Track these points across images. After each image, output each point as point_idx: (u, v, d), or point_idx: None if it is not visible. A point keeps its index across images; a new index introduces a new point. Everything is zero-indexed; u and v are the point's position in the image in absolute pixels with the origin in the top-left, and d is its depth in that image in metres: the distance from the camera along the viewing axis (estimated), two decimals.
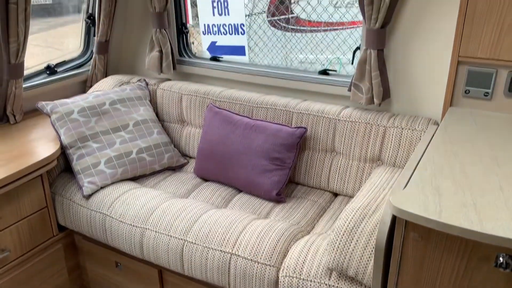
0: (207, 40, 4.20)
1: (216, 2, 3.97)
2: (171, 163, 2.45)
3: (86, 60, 2.87)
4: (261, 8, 4.08)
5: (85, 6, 2.82)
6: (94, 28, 2.80)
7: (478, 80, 1.84)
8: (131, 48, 2.93)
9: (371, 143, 2.07)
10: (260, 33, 4.05)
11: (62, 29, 5.95)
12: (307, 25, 4.04)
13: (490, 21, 1.72)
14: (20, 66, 2.29)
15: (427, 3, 1.96)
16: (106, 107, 2.35)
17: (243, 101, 2.37)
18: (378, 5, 1.96)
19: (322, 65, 3.84)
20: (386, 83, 2.10)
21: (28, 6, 2.20)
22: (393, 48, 2.10)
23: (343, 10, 3.71)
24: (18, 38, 2.21)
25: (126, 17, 2.86)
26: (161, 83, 2.65)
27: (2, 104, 2.37)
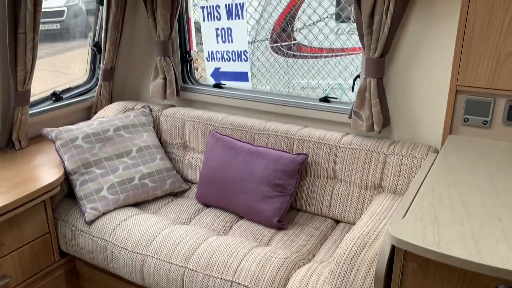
0: (211, 66, 4.28)
1: (220, 30, 4.05)
2: (173, 188, 2.46)
3: (91, 86, 2.92)
4: (264, 35, 4.16)
5: (92, 34, 2.89)
6: (100, 55, 2.86)
7: (476, 108, 1.86)
8: (136, 75, 2.99)
9: (371, 170, 2.08)
10: (263, 60, 4.11)
11: (69, 53, 6.07)
12: (309, 52, 4.10)
13: (487, 51, 1.75)
14: (26, 93, 2.34)
15: (425, 33, 2.00)
16: (110, 133, 2.39)
17: (245, 127, 2.40)
18: (377, 35, 2.00)
19: (324, 90, 3.88)
20: (386, 111, 2.13)
21: (36, 35, 2.26)
22: (392, 76, 2.13)
23: (344, 37, 3.77)
24: (25, 67, 2.26)
25: (131, 45, 2.93)
26: (164, 110, 2.69)
27: (8, 130, 2.41)
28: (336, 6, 3.59)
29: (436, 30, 1.98)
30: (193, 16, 3.61)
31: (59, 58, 5.66)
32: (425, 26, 1.99)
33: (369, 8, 1.99)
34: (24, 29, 2.18)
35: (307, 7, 3.73)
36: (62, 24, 7.30)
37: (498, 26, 1.71)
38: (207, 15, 3.63)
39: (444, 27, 1.95)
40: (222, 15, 3.64)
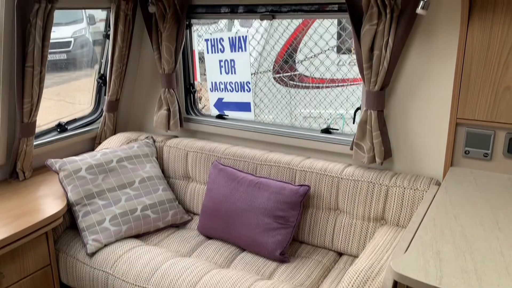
0: (214, 96, 4.34)
1: (223, 61, 4.13)
2: (175, 220, 2.46)
3: (96, 117, 2.96)
4: (266, 67, 4.23)
5: (98, 66, 2.95)
6: (105, 87, 2.92)
7: (477, 141, 1.87)
8: (140, 107, 3.04)
9: (374, 202, 2.08)
10: (266, 90, 4.17)
11: (74, 83, 6.14)
12: (311, 82, 4.17)
13: (485, 86, 1.78)
14: (32, 125, 2.38)
15: (424, 67, 2.04)
16: (113, 164, 2.40)
17: (247, 158, 2.42)
18: (377, 69, 2.04)
19: (325, 121, 3.91)
20: (387, 143, 2.14)
21: (43, 68, 2.31)
22: (393, 109, 2.16)
23: (345, 69, 3.84)
24: (32, 99, 2.31)
25: (136, 77, 2.99)
26: (168, 140, 2.72)
27: (13, 161, 2.44)
28: (337, 39, 3.67)
29: (434, 64, 2.02)
30: (197, 47, 3.69)
31: (65, 88, 5.74)
32: (424, 61, 2.03)
33: (368, 43, 2.04)
34: (32, 62, 2.24)
35: (309, 40, 3.81)
36: (68, 54, 7.43)
37: (495, 61, 1.74)
38: (211, 47, 3.71)
39: (443, 61, 1.99)
40: (225, 47, 3.71)
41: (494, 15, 1.75)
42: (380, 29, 2.00)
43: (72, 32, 6.98)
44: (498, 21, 1.74)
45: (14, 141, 2.41)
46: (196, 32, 3.59)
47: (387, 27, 1.97)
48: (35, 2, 2.14)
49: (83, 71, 7.25)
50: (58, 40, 6.31)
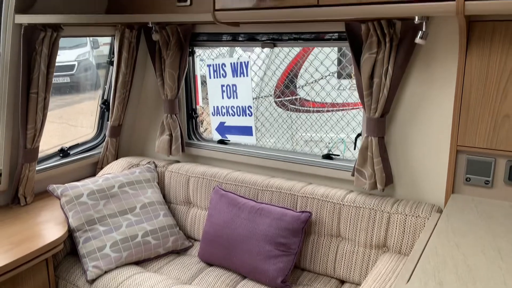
0: (216, 120, 4.37)
1: (225, 86, 4.17)
2: (176, 246, 2.44)
3: (98, 142, 2.98)
4: (268, 92, 4.27)
5: (101, 91, 2.99)
6: (108, 113, 2.94)
7: (478, 168, 1.88)
8: (142, 132, 3.06)
9: (376, 229, 2.07)
10: (267, 115, 4.20)
11: (77, 106, 6.17)
12: (312, 106, 4.20)
13: (484, 114, 1.80)
14: (35, 151, 2.40)
15: (424, 94, 2.06)
16: (115, 190, 2.41)
17: (249, 183, 2.42)
18: (377, 96, 2.07)
19: (326, 145, 3.93)
20: (388, 169, 2.15)
21: (47, 95, 2.34)
22: (393, 135, 2.17)
23: (346, 93, 3.87)
24: (35, 125, 2.33)
25: (139, 103, 3.02)
26: (169, 165, 2.73)
27: (15, 186, 2.44)
28: (337, 65, 3.71)
29: (434, 92, 2.04)
30: (199, 71, 3.73)
31: (67, 110, 5.76)
32: (424, 88, 2.06)
33: (368, 71, 2.07)
34: (36, 89, 2.27)
35: (309, 66, 3.86)
36: (72, 77, 7.51)
37: (493, 89, 1.77)
38: (213, 72, 3.75)
39: (442, 89, 2.01)
40: (227, 72, 3.76)
41: (492, 44, 1.78)
42: (380, 58, 2.03)
43: (76, 55, 7.07)
44: (496, 50, 1.77)
45: (16, 167, 2.42)
46: (199, 57, 3.64)
47: (387, 55, 2.01)
48: (41, 31, 2.19)
49: (86, 94, 7.31)
50: (62, 64, 6.39)
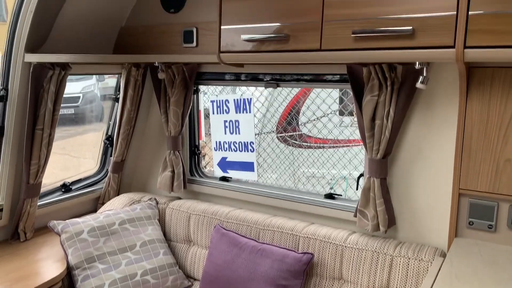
0: (218, 155, 4.39)
1: (228, 122, 4.21)
2: (175, 285, 2.40)
3: (100, 178, 2.99)
4: (270, 128, 4.31)
5: (105, 128, 3.02)
6: (111, 148, 2.96)
7: (480, 212, 1.87)
8: (144, 168, 3.07)
9: (378, 272, 2.04)
10: (269, 151, 4.22)
11: (81, 137, 6.20)
12: (314, 142, 4.22)
13: (486, 158, 1.81)
14: (37, 186, 2.40)
15: (425, 136, 2.08)
16: (115, 227, 2.40)
17: (250, 222, 2.41)
18: (379, 138, 2.08)
19: (328, 182, 3.92)
20: (391, 211, 2.14)
21: (53, 131, 2.37)
22: (395, 176, 2.18)
23: (348, 131, 3.90)
24: (39, 160, 2.35)
25: (143, 139, 3.04)
26: (170, 202, 2.72)
27: (15, 221, 2.43)
28: (339, 103, 3.76)
29: (435, 134, 2.06)
30: (203, 105, 3.77)
31: (70, 142, 5.79)
32: (425, 130, 2.08)
33: (370, 113, 2.09)
34: (42, 125, 2.30)
35: (311, 104, 3.91)
36: (76, 109, 7.59)
37: (494, 134, 1.78)
38: (217, 108, 3.80)
39: (443, 131, 2.03)
40: (230, 108, 3.80)
41: (492, 89, 1.81)
42: (381, 100, 2.06)
43: (82, 87, 7.18)
44: (496, 95, 1.80)
45: (18, 202, 2.42)
46: (202, 92, 3.69)
47: (388, 98, 2.04)
48: (49, 69, 2.24)
49: (90, 126, 7.37)
50: (67, 96, 6.47)
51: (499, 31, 1.56)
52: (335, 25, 1.88)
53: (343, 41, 1.86)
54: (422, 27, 1.69)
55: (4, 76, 2.23)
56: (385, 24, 1.76)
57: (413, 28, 1.70)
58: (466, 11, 1.61)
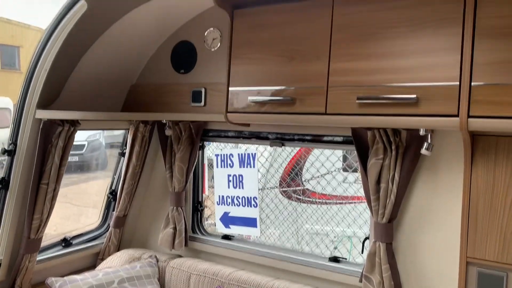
0: (220, 210, 4.35)
1: (232, 176, 4.21)
2: None
3: (101, 232, 2.95)
4: (274, 183, 4.30)
5: (109, 183, 3.02)
6: (114, 202, 2.95)
7: (489, 282, 1.82)
8: (146, 223, 3.04)
9: None
10: (272, 206, 4.19)
11: (83, 185, 6.17)
12: (318, 198, 4.19)
13: (492, 229, 1.78)
14: (38, 241, 2.37)
15: (431, 201, 2.06)
16: (114, 286, 2.34)
17: (252, 285, 2.34)
18: (384, 202, 2.07)
19: (332, 241, 3.85)
20: (397, 277, 2.08)
21: (57, 186, 2.38)
22: (401, 241, 2.14)
23: (352, 189, 3.88)
24: (42, 215, 2.33)
25: (146, 194, 3.03)
26: (171, 260, 2.66)
27: (13, 277, 2.38)
28: (343, 161, 3.77)
29: (441, 199, 2.04)
30: (207, 156, 3.78)
31: (73, 189, 5.76)
32: (430, 195, 2.07)
33: (375, 176, 2.10)
34: (47, 180, 2.31)
35: (315, 160, 3.92)
36: (80, 157, 7.62)
37: (500, 204, 1.77)
38: (221, 162, 3.81)
39: (449, 196, 2.02)
40: (234, 163, 3.82)
41: (496, 158, 1.81)
42: (386, 164, 2.07)
43: (87, 136, 7.25)
44: (501, 164, 1.80)
45: (16, 258, 2.37)
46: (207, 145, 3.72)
47: (393, 162, 2.05)
48: (58, 125, 2.28)
49: (93, 174, 7.38)
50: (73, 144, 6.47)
51: (502, 102, 1.59)
52: (340, 91, 1.93)
53: (348, 106, 1.91)
54: (426, 96, 1.73)
55: (14, 131, 2.26)
56: (390, 91, 1.81)
57: (417, 96, 1.74)
58: (469, 82, 1.65)
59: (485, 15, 1.63)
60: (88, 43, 2.26)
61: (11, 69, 13.12)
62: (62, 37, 2.12)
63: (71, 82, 2.34)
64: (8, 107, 8.78)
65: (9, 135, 2.29)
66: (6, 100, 9.09)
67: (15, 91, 2.34)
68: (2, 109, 8.64)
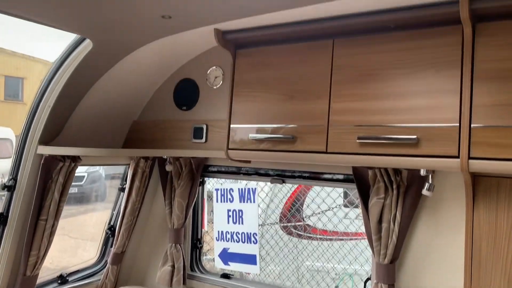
0: (219, 246, 4.29)
1: (231, 211, 4.17)
2: None
3: (99, 269, 2.90)
4: (274, 219, 4.26)
5: (108, 218, 2.99)
6: (112, 238, 2.91)
7: None
8: (144, 260, 2.99)
9: None
10: (272, 243, 4.13)
11: (82, 217, 6.08)
12: (320, 234, 4.13)
13: (497, 270, 1.76)
14: (33, 278, 2.32)
15: (433, 241, 2.04)
16: None
17: None
18: (386, 242, 2.05)
19: (334, 279, 3.78)
20: None
21: (56, 222, 2.35)
22: (403, 282, 2.10)
23: (355, 225, 3.84)
24: (39, 252, 2.30)
25: (145, 230, 3.00)
26: None
27: None
28: (344, 197, 3.75)
29: (443, 240, 2.02)
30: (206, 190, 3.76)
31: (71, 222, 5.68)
32: (433, 236, 2.04)
33: (376, 215, 2.08)
34: (46, 216, 2.28)
35: (316, 196, 3.90)
36: (80, 188, 7.58)
37: (504, 247, 1.75)
38: (221, 196, 3.79)
39: (451, 237, 2.00)
40: (234, 197, 3.80)
41: (498, 200, 1.80)
42: (388, 203, 2.06)
43: (87, 167, 7.23)
44: (503, 205, 1.79)
45: None
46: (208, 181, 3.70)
47: (394, 201, 2.04)
48: (60, 161, 2.27)
49: (91, 205, 7.31)
50: None
51: (503, 144, 1.60)
52: (341, 130, 1.94)
53: (349, 145, 1.91)
54: (426, 137, 1.74)
55: (15, 167, 2.26)
56: (390, 131, 1.82)
57: (417, 137, 1.74)
58: (468, 124, 1.66)
59: (483, 58, 1.66)
60: (92, 80, 2.30)
61: (14, 100, 13.28)
62: (67, 74, 2.15)
63: (74, 118, 2.36)
64: (9, 137, 8.82)
65: (10, 170, 2.28)
66: (7, 130, 9.14)
67: (18, 121, 2.35)
68: (3, 139, 8.66)
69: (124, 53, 2.23)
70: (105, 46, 2.11)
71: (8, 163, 2.37)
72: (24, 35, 15.08)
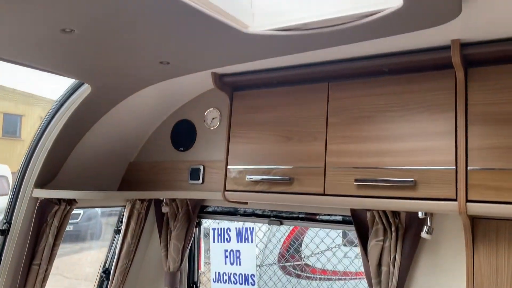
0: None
1: (229, 251, 4.10)
2: None
3: None
4: (272, 259, 4.19)
5: (103, 261, 2.93)
6: (107, 282, 2.84)
7: None
8: None
9: None
10: (271, 285, 4.04)
11: (76, 256, 5.95)
12: (320, 274, 4.05)
13: None
14: None
15: (433, 283, 2.00)
16: None
17: None
18: (386, 286, 2.00)
19: None
20: None
21: (49, 266, 2.30)
22: None
23: (354, 266, 3.77)
24: None
25: (140, 273, 2.93)
26: None
27: None
28: (343, 237, 3.71)
29: (444, 283, 1.98)
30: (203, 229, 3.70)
31: (65, 261, 5.56)
32: (433, 279, 2.00)
33: (376, 258, 2.05)
34: (39, 260, 2.24)
35: (315, 236, 3.85)
36: (75, 226, 7.47)
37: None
38: (218, 236, 3.73)
39: (452, 281, 1.96)
40: (232, 237, 3.74)
41: (498, 242, 1.78)
42: (387, 245, 2.03)
43: None
44: (503, 248, 1.77)
45: None
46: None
47: (393, 243, 2.01)
48: (55, 204, 2.25)
49: (86, 244, 7.17)
50: None
51: (500, 187, 1.59)
52: (338, 172, 1.94)
53: (346, 187, 1.90)
54: (423, 179, 1.74)
55: (10, 210, 2.24)
56: (387, 174, 1.81)
57: (414, 180, 1.74)
58: (465, 166, 1.67)
59: (476, 102, 1.68)
60: (90, 123, 2.31)
61: (12, 137, 13.31)
62: (64, 118, 2.17)
63: (70, 161, 2.35)
64: (5, 175, 8.76)
65: (4, 213, 2.26)
66: (4, 167, 9.09)
67: (15, 158, 2.34)
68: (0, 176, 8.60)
69: (122, 97, 2.25)
70: (103, 90, 2.13)
71: (4, 200, 2.34)
72: (25, 73, 15.32)
